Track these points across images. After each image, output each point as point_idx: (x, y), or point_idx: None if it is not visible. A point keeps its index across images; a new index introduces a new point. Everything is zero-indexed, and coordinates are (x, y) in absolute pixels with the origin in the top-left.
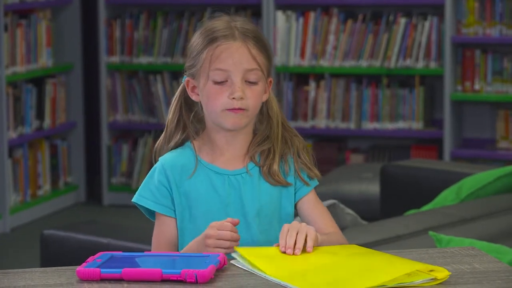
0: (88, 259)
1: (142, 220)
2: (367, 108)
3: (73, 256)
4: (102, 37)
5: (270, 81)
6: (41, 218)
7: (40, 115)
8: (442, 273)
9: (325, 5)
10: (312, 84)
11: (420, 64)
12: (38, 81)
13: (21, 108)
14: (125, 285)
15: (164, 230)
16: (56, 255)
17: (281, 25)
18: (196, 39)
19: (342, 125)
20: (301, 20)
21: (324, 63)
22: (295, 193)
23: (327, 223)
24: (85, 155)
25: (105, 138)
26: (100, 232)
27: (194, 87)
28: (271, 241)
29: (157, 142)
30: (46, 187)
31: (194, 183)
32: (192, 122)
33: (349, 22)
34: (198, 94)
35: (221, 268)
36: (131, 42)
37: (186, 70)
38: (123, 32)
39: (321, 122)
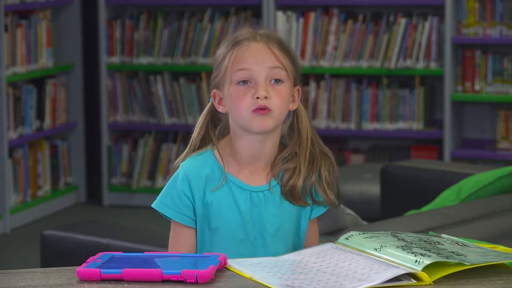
0: (88, 260)
1: (142, 220)
2: (367, 109)
3: (73, 256)
4: (102, 38)
5: (298, 90)
6: (41, 218)
7: (40, 115)
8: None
9: (325, 5)
10: (312, 85)
11: (420, 65)
12: (38, 81)
13: (21, 108)
14: (126, 285)
15: (181, 240)
16: (56, 255)
17: (282, 25)
18: (219, 51)
19: (343, 126)
20: (301, 20)
21: (324, 63)
22: (310, 211)
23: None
24: (85, 155)
25: (105, 138)
26: (100, 232)
27: (220, 99)
28: None
29: (179, 158)
30: (46, 187)
31: (217, 195)
32: (217, 135)
33: (349, 23)
34: (224, 106)
35: (221, 269)
36: (131, 42)
37: (211, 83)
38: (123, 32)
39: (322, 123)
